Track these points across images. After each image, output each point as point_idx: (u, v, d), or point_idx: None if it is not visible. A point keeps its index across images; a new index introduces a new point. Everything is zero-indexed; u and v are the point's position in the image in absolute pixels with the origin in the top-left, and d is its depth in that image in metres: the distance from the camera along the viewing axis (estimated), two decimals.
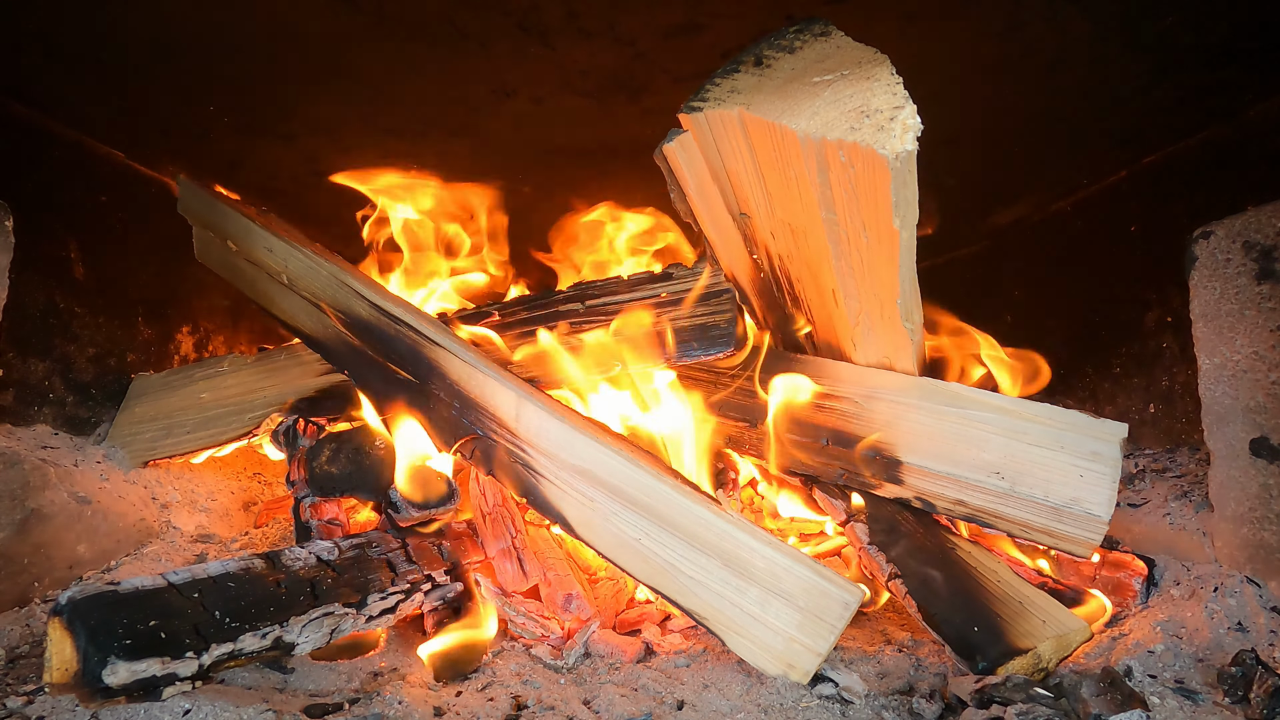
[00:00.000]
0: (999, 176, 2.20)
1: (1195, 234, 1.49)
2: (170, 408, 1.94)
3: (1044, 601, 1.44)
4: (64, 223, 1.87)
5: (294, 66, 1.65)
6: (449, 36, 1.55)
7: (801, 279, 1.65)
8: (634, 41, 1.57)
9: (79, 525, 1.58)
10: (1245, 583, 1.37)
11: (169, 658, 1.05)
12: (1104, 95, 1.73)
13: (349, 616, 1.27)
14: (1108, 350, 2.15)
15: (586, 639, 1.44)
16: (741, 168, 1.52)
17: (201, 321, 2.35)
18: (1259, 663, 1.16)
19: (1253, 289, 1.41)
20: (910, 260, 1.37)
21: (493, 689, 1.28)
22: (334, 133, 1.97)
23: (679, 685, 1.32)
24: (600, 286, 1.84)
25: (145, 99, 1.78)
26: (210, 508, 1.94)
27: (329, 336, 1.79)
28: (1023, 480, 1.47)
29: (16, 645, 1.34)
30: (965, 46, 1.57)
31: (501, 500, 1.66)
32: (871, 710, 1.22)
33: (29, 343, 1.74)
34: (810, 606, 1.26)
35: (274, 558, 1.28)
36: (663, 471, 1.41)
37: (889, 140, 1.19)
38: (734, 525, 1.32)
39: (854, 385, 1.66)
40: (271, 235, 1.84)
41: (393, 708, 1.17)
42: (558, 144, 2.03)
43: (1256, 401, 1.39)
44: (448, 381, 1.61)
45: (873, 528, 1.58)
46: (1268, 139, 1.68)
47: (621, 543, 1.40)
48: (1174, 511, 1.61)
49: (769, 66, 1.47)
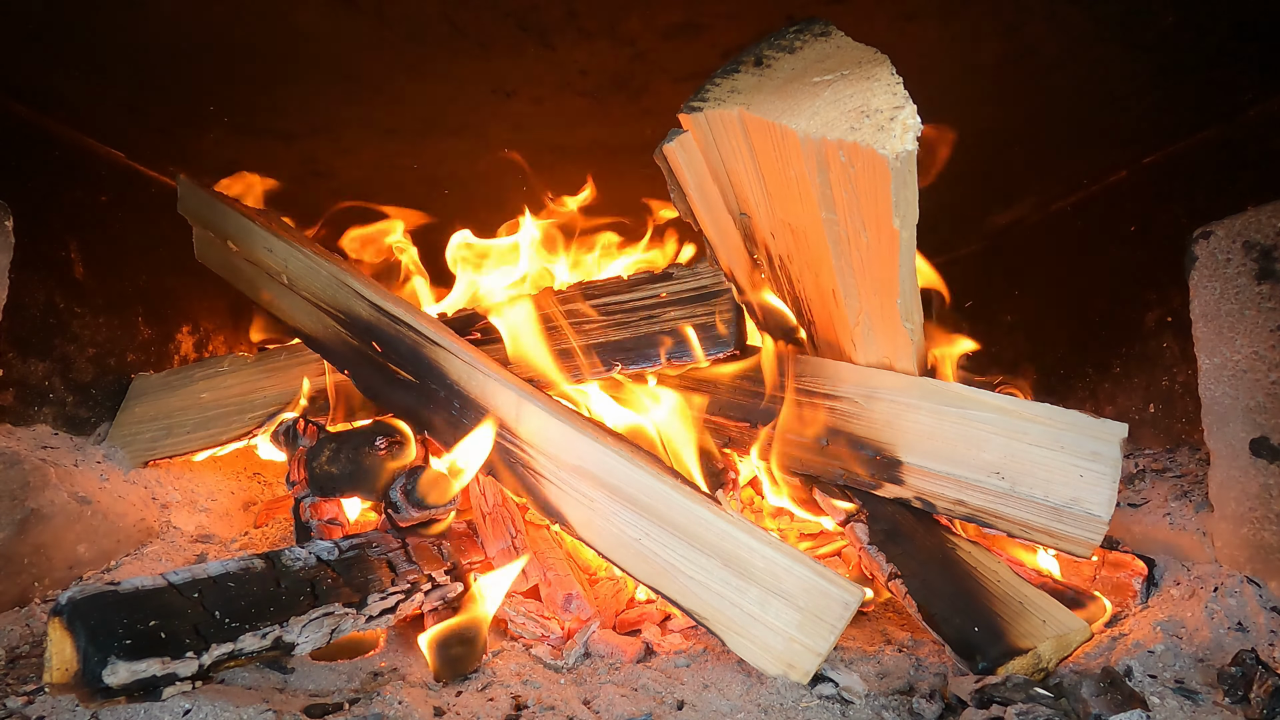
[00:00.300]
0: (999, 176, 2.20)
1: (1195, 234, 1.49)
2: (170, 408, 1.94)
3: (1044, 601, 1.44)
4: (64, 223, 1.87)
5: (294, 66, 1.65)
6: (449, 36, 1.55)
7: (802, 279, 1.65)
8: (634, 41, 1.57)
9: (79, 525, 1.58)
10: (1245, 583, 1.37)
11: (169, 658, 1.05)
12: (1104, 95, 1.73)
13: (349, 616, 1.27)
14: (1108, 350, 2.15)
15: (586, 639, 1.44)
16: (741, 167, 1.52)
17: (201, 321, 2.35)
18: (1259, 663, 1.16)
19: (1253, 289, 1.41)
20: (910, 260, 1.37)
21: (493, 689, 1.28)
22: (334, 133, 1.97)
23: (679, 685, 1.32)
24: (600, 286, 1.84)
25: (145, 99, 1.78)
26: (210, 508, 1.94)
27: (329, 336, 1.79)
28: (1023, 480, 1.47)
29: (16, 645, 1.34)
30: (965, 46, 1.57)
31: (501, 500, 1.66)
32: (871, 710, 1.22)
33: (29, 343, 1.74)
34: (810, 606, 1.26)
35: (274, 558, 1.28)
36: (663, 472, 1.41)
37: (889, 140, 1.19)
38: (734, 525, 1.32)
39: (854, 385, 1.66)
40: (271, 235, 1.84)
41: (393, 708, 1.17)
42: (558, 144, 2.04)
43: (1256, 401, 1.39)
44: (448, 381, 1.61)
45: (873, 528, 1.58)
46: (1268, 139, 1.68)
47: (622, 543, 1.40)
48: (1174, 511, 1.61)
49: (769, 66, 1.47)
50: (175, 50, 1.59)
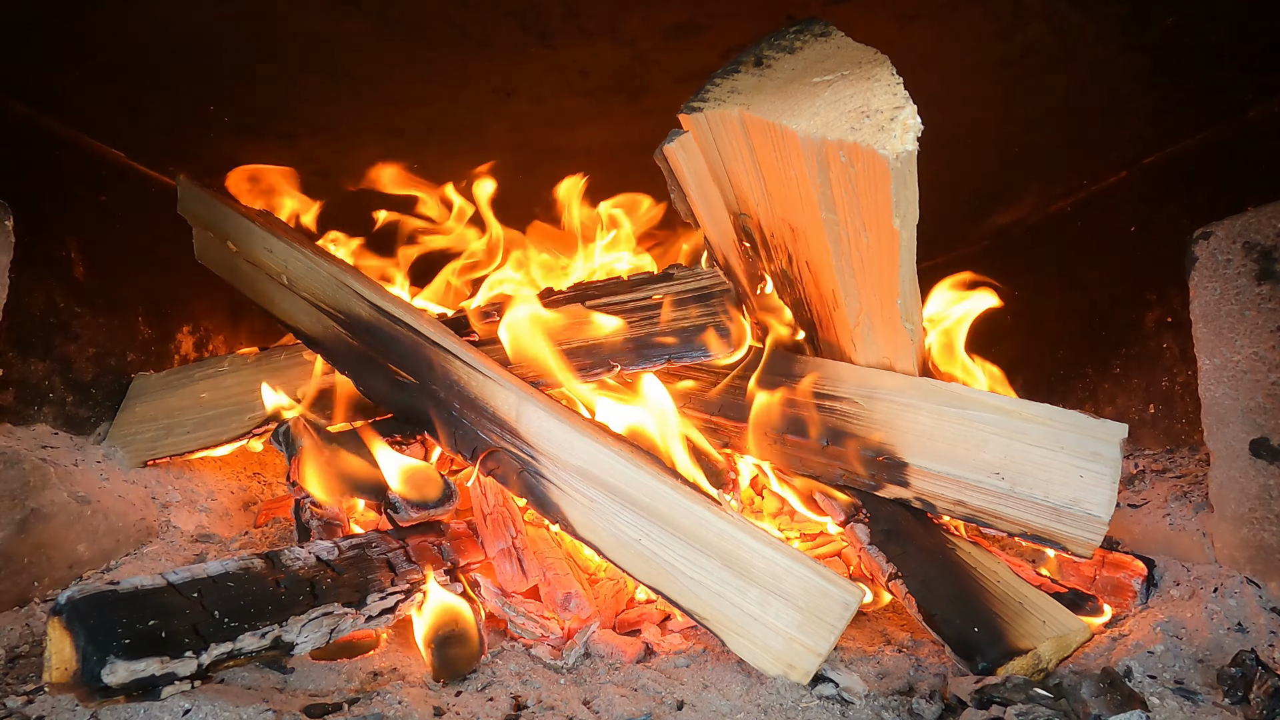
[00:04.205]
0: (999, 176, 2.20)
1: (1195, 234, 1.49)
2: (170, 407, 1.94)
3: (1044, 602, 1.44)
4: (64, 223, 1.87)
5: (295, 67, 1.66)
6: (449, 37, 1.55)
7: (802, 279, 1.65)
8: (634, 41, 1.57)
9: (79, 525, 1.58)
10: (1245, 583, 1.37)
11: (168, 657, 1.05)
12: (1104, 95, 1.73)
13: (348, 616, 1.27)
14: (1108, 350, 2.15)
15: (586, 639, 1.44)
16: (742, 168, 1.52)
17: (201, 321, 2.35)
18: (1259, 663, 1.16)
19: (1253, 290, 1.41)
20: (910, 260, 1.37)
21: (492, 689, 1.28)
22: (334, 133, 1.97)
23: (679, 685, 1.32)
24: (600, 287, 1.84)
25: (145, 99, 1.78)
26: (210, 508, 1.94)
27: (329, 337, 1.79)
28: (1023, 481, 1.47)
29: (16, 645, 1.34)
30: (965, 46, 1.57)
31: (501, 500, 1.66)
32: (871, 710, 1.22)
33: (29, 342, 1.74)
34: (810, 607, 1.26)
35: (274, 558, 1.28)
36: (663, 472, 1.41)
37: (889, 140, 1.19)
38: (734, 525, 1.32)
39: (854, 385, 1.66)
40: (272, 236, 1.84)
41: (393, 708, 1.17)
42: (558, 144, 2.04)
43: (1256, 402, 1.39)
44: (448, 382, 1.60)
45: (873, 528, 1.58)
46: (1267, 139, 1.68)
47: (622, 543, 1.40)
48: (1174, 512, 1.61)
49: (769, 67, 1.47)
50: (175, 50, 1.59)
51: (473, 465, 1.59)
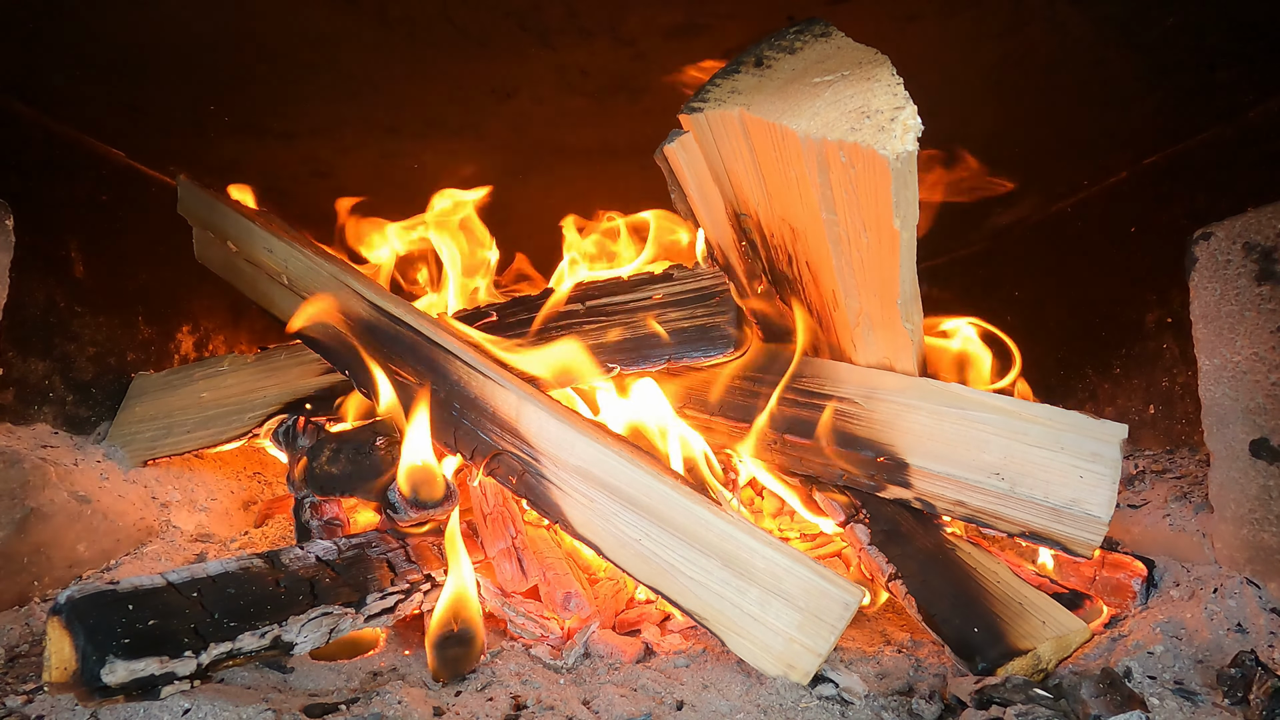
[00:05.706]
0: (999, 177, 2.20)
1: (1195, 235, 1.49)
2: (170, 407, 1.94)
3: (1044, 602, 1.44)
4: (64, 222, 1.87)
5: (294, 66, 1.66)
6: (449, 37, 1.55)
7: (802, 279, 1.65)
8: (634, 41, 1.57)
9: (79, 524, 1.58)
10: (1245, 584, 1.37)
11: (168, 657, 1.05)
12: (1104, 95, 1.73)
13: (348, 616, 1.27)
14: (1108, 350, 2.15)
15: (586, 639, 1.44)
16: (742, 168, 1.52)
17: (201, 321, 2.35)
18: (1258, 664, 1.16)
19: (1253, 290, 1.41)
20: (911, 260, 1.37)
21: (492, 689, 1.28)
22: (334, 133, 1.97)
23: (679, 685, 1.32)
24: (600, 287, 1.84)
25: (145, 99, 1.78)
26: (210, 507, 1.94)
27: (329, 336, 1.79)
28: (1023, 481, 1.47)
29: (16, 644, 1.34)
30: (965, 46, 1.57)
31: (501, 500, 1.66)
32: (871, 711, 1.22)
33: (29, 342, 1.74)
34: (810, 607, 1.26)
35: (274, 558, 1.28)
36: (663, 472, 1.41)
37: (890, 141, 1.19)
38: (734, 525, 1.32)
39: (855, 386, 1.66)
40: (271, 236, 1.84)
41: (392, 708, 1.17)
42: (558, 144, 2.03)
43: (1256, 403, 1.39)
44: (448, 382, 1.61)
45: (873, 528, 1.58)
46: (1268, 140, 1.68)
47: (622, 543, 1.40)
48: (1174, 513, 1.61)
49: (769, 67, 1.47)
50: (176, 50, 1.59)
51: (472, 465, 1.59)
